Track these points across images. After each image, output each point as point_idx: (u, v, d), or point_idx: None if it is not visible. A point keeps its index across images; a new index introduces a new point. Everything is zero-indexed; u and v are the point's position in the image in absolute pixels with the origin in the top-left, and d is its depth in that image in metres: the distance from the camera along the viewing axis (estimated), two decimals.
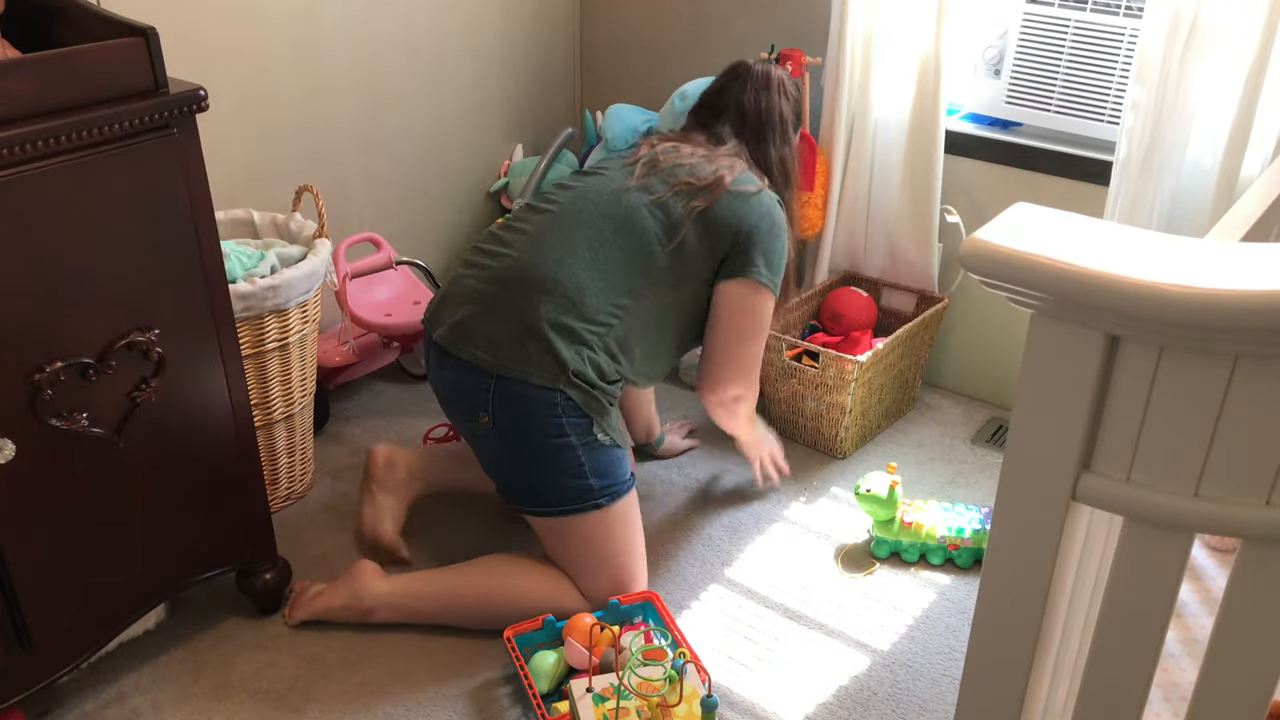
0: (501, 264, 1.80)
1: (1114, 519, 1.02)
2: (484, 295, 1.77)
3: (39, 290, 1.38)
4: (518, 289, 1.75)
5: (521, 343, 1.71)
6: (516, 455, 1.77)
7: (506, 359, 1.71)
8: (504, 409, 1.73)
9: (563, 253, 1.78)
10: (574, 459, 1.74)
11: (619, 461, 1.80)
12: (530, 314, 1.72)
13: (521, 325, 1.72)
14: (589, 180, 1.91)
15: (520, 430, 1.74)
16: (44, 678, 1.56)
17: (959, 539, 1.98)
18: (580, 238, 1.80)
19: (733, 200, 1.85)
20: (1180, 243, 0.85)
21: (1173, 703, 1.48)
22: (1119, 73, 2.17)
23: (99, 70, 1.38)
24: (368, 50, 2.44)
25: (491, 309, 1.76)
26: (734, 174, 1.88)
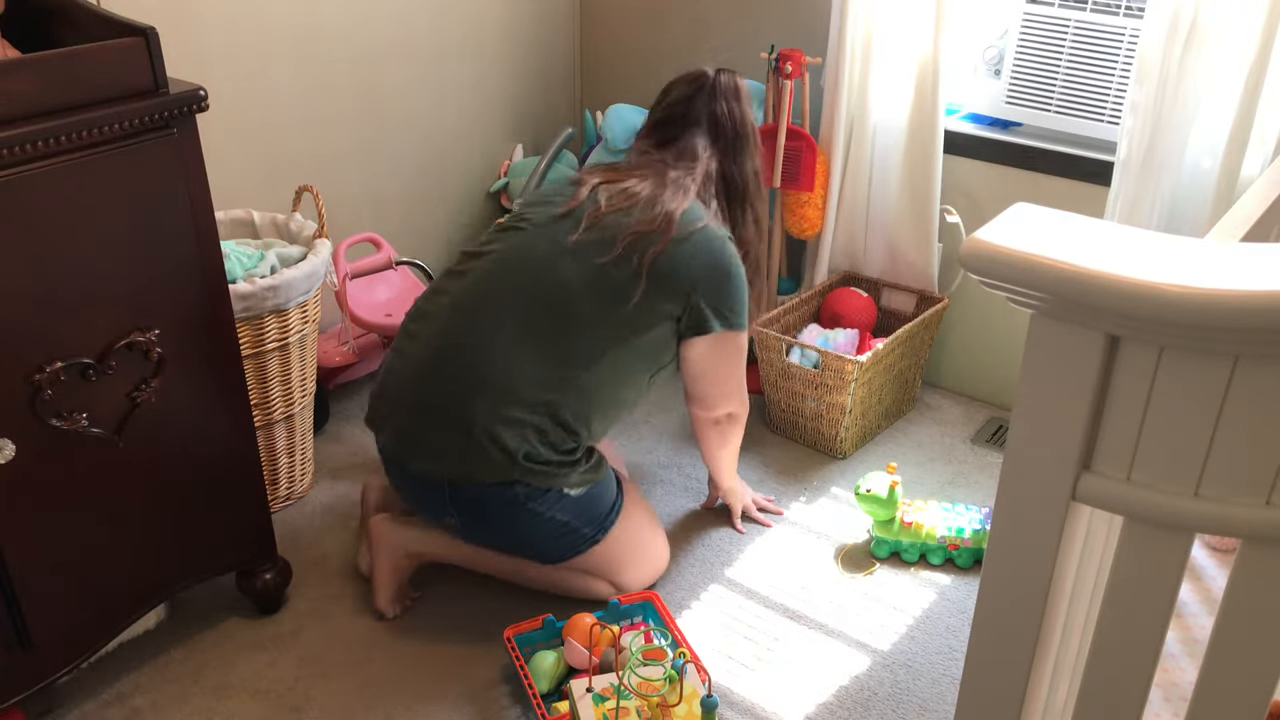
0: (427, 350, 1.74)
1: (1114, 519, 1.02)
2: (418, 403, 1.72)
3: (39, 290, 1.38)
4: (447, 391, 1.70)
5: (464, 446, 1.68)
6: (495, 539, 1.81)
7: (453, 465, 1.69)
8: (466, 510, 1.74)
9: (487, 337, 1.71)
10: (552, 525, 1.74)
11: (600, 495, 1.79)
12: (465, 418, 1.68)
13: (460, 431, 1.68)
14: (520, 237, 1.79)
15: (489, 522, 1.75)
16: (44, 678, 1.56)
17: (959, 539, 1.98)
18: (508, 317, 1.72)
19: (678, 250, 1.74)
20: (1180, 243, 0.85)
21: (1173, 703, 1.48)
22: (1119, 73, 2.18)
23: (99, 70, 1.38)
24: (368, 50, 2.44)
25: (426, 415, 1.72)
26: (681, 206, 1.78)
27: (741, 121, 1.94)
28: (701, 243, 1.78)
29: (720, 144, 1.92)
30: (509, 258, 1.77)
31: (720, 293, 1.79)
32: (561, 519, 1.74)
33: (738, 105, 1.94)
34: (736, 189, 1.92)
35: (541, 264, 1.75)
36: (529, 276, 1.75)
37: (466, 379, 1.70)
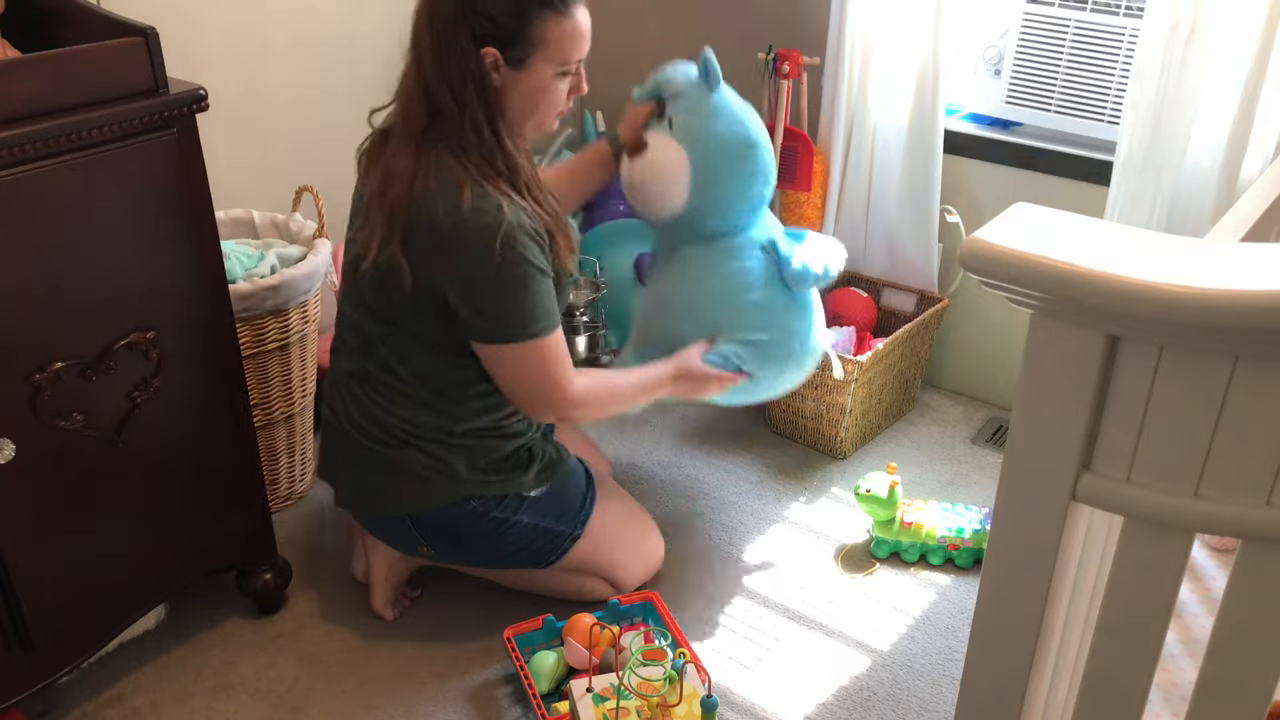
0: (338, 410, 1.73)
1: (1114, 519, 1.02)
2: (354, 457, 1.71)
3: (39, 290, 1.38)
4: (372, 442, 1.68)
5: (407, 484, 1.67)
6: (475, 557, 1.81)
7: (405, 503, 1.69)
8: (434, 538, 1.74)
9: (377, 387, 1.68)
10: (522, 529, 1.73)
11: (565, 490, 1.77)
12: (398, 460, 1.67)
13: (397, 472, 1.67)
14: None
15: (462, 543, 1.75)
16: (44, 678, 1.56)
17: (959, 539, 1.98)
18: (368, 365, 1.68)
19: (420, 240, 1.52)
20: (1180, 243, 0.85)
21: (1173, 703, 1.48)
22: (1119, 73, 2.17)
23: (99, 70, 1.38)
24: (368, 50, 2.44)
25: (363, 467, 1.71)
26: (426, 183, 1.51)
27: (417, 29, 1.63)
28: (451, 230, 1.52)
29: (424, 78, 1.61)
30: (346, 299, 1.72)
31: (491, 294, 1.56)
32: (530, 521, 1.72)
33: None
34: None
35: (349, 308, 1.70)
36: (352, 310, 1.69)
37: (369, 422, 1.68)
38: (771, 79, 2.41)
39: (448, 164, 1.52)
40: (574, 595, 1.84)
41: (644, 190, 1.79)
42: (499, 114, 1.55)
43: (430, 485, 1.67)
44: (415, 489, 1.68)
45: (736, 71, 2.65)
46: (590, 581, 1.84)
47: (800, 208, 2.48)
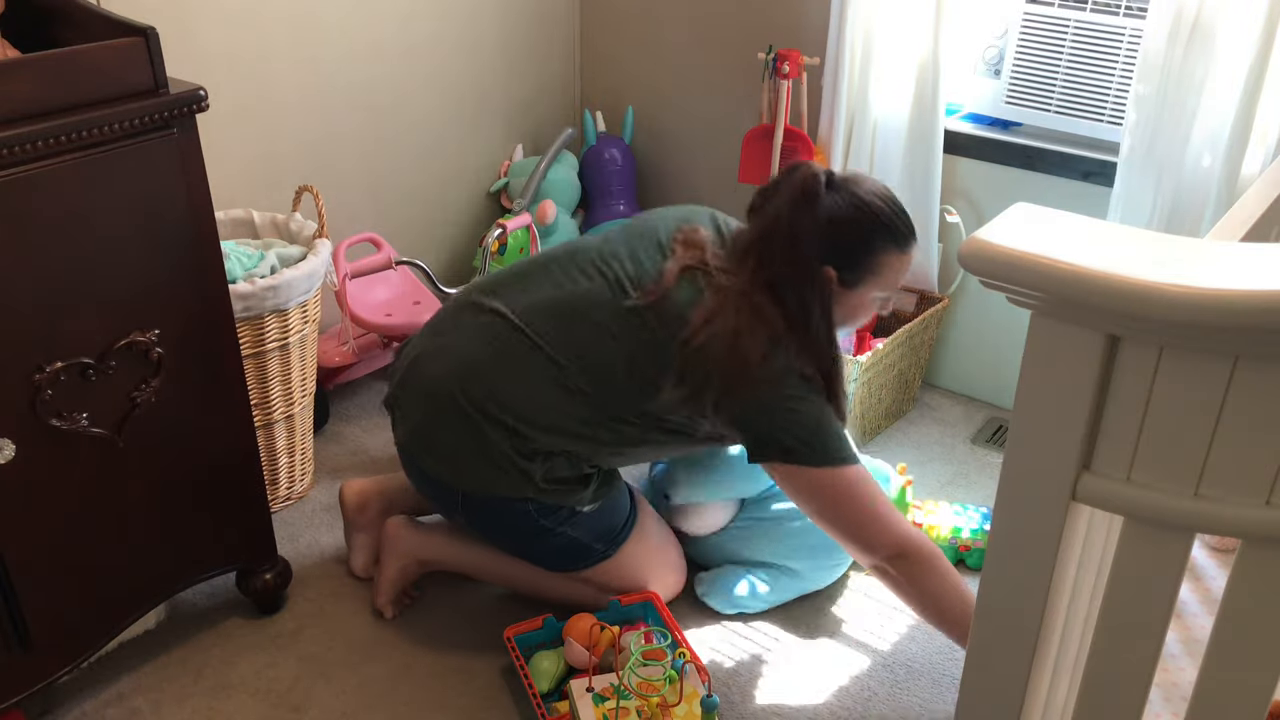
0: (460, 356, 1.70)
1: (1114, 519, 1.02)
2: (440, 407, 1.68)
3: (39, 290, 1.38)
4: (472, 405, 1.65)
5: (481, 463, 1.66)
6: (503, 545, 1.80)
7: (468, 479, 1.67)
8: (476, 517, 1.73)
9: (525, 364, 1.66)
10: (562, 539, 1.72)
11: (613, 510, 1.76)
12: (484, 439, 1.65)
13: (477, 448, 1.65)
14: (597, 288, 1.68)
15: (499, 531, 1.75)
16: (44, 678, 1.56)
17: (971, 540, 1.98)
18: (557, 358, 1.65)
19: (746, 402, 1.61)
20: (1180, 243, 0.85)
21: (1173, 703, 1.48)
22: (1119, 73, 2.17)
23: (99, 70, 1.38)
24: (368, 50, 2.44)
25: (446, 423, 1.68)
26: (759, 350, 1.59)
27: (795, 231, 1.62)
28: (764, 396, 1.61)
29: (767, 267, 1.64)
30: (576, 304, 1.68)
31: (785, 427, 1.62)
32: (573, 535, 1.71)
33: (807, 210, 1.63)
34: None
35: (601, 332, 1.65)
36: (591, 336, 1.66)
37: (493, 401, 1.65)
38: (771, 79, 2.41)
39: None
40: (576, 604, 1.81)
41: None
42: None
43: (501, 476, 1.65)
44: (485, 472, 1.66)
45: (737, 72, 2.66)
46: (597, 593, 1.82)
47: None
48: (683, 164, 2.85)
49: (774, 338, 1.60)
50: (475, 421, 1.65)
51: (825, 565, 1.88)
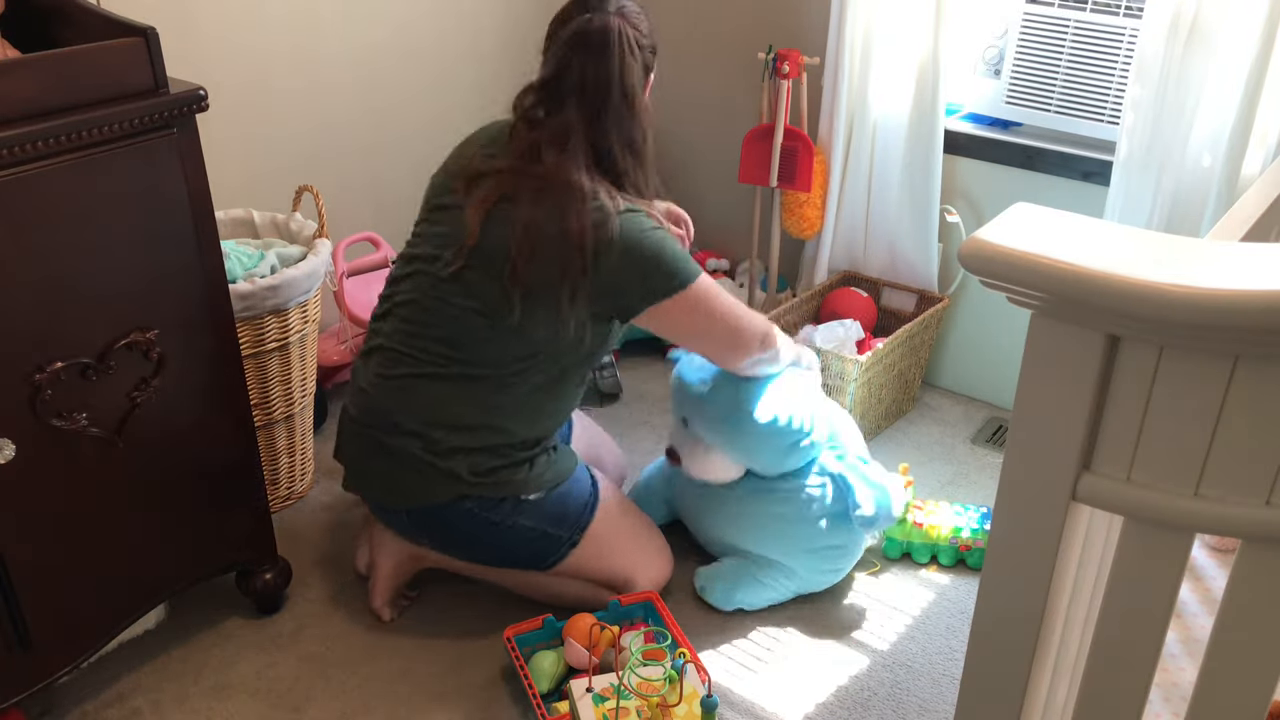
0: (365, 390, 1.74)
1: (1114, 519, 1.02)
2: (362, 440, 1.74)
3: (39, 290, 1.38)
4: (383, 428, 1.70)
5: (408, 477, 1.69)
6: (471, 553, 1.80)
7: (403, 495, 1.71)
8: (430, 532, 1.76)
9: (409, 380, 1.69)
10: (518, 532, 1.72)
11: (567, 495, 1.76)
12: (404, 451, 1.68)
13: (400, 463, 1.69)
14: (419, 282, 1.71)
15: (457, 539, 1.76)
16: (44, 678, 1.56)
17: (972, 540, 1.98)
18: (423, 362, 1.68)
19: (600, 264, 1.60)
20: (1180, 243, 0.85)
21: (1173, 703, 1.48)
22: (1119, 73, 2.18)
23: (99, 70, 1.38)
24: (368, 50, 2.44)
25: (369, 452, 1.73)
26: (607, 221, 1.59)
27: (606, 82, 1.65)
28: (621, 240, 1.61)
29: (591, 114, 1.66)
30: (413, 306, 1.71)
31: (646, 269, 1.64)
32: (527, 524, 1.71)
33: (605, 61, 1.65)
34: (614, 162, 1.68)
35: (439, 307, 1.67)
36: (432, 320, 1.68)
37: (397, 417, 1.69)
38: (771, 79, 2.41)
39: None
40: (573, 603, 1.82)
41: (701, 480, 1.89)
42: None
43: (430, 483, 1.68)
44: (415, 484, 1.69)
45: (737, 71, 2.66)
46: (591, 590, 1.82)
47: (800, 208, 2.48)
48: (683, 164, 2.85)
49: (582, 196, 1.60)
50: (387, 441, 1.69)
51: (824, 569, 1.89)
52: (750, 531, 1.88)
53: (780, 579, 1.88)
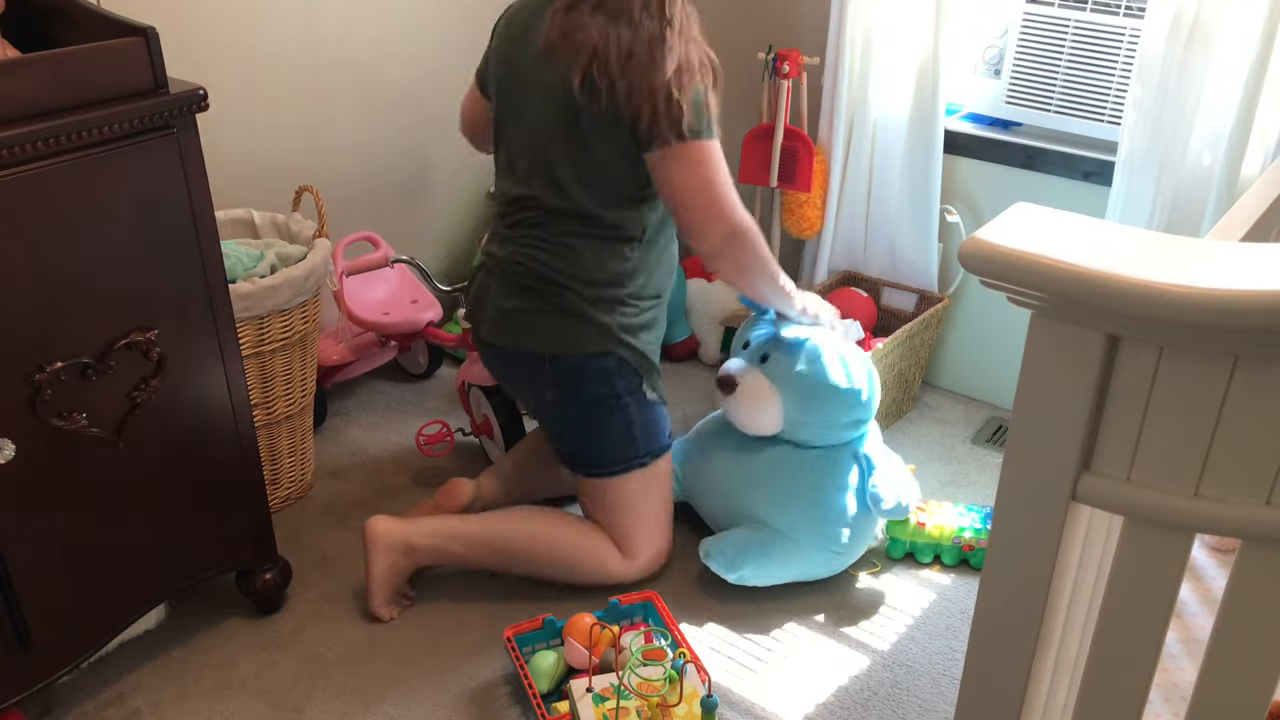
0: (518, 252, 1.83)
1: (1114, 519, 1.02)
2: (514, 294, 1.84)
3: (39, 290, 1.38)
4: (539, 280, 1.81)
5: (563, 324, 1.79)
6: (577, 423, 1.88)
7: (557, 338, 1.80)
8: (566, 380, 1.83)
9: (549, 226, 1.81)
10: (625, 420, 1.84)
11: (663, 420, 1.91)
12: (560, 301, 1.79)
13: (557, 312, 1.80)
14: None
15: (581, 395, 1.84)
16: (44, 678, 1.56)
17: (975, 540, 1.98)
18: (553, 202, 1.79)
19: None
20: (1180, 243, 0.85)
21: (1173, 703, 1.48)
22: (1119, 73, 2.18)
23: (99, 70, 1.38)
24: (368, 50, 2.44)
25: (524, 303, 1.82)
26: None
27: None
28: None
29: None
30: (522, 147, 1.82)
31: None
32: (632, 413, 1.85)
33: None
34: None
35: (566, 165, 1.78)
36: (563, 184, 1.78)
37: (554, 273, 1.79)
38: (771, 79, 2.41)
39: None
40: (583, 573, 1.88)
41: (737, 422, 1.94)
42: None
43: (582, 332, 1.79)
44: (569, 332, 1.80)
45: (736, 71, 2.66)
46: (602, 554, 1.88)
47: (801, 208, 2.48)
48: None
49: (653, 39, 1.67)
50: (544, 292, 1.80)
51: (831, 551, 1.89)
52: (771, 496, 1.90)
53: (787, 554, 1.87)
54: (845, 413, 1.89)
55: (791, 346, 1.89)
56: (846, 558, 1.92)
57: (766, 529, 1.89)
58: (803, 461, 1.91)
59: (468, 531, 1.87)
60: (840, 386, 1.86)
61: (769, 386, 1.88)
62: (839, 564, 1.93)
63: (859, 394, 1.88)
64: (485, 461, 2.30)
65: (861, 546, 1.93)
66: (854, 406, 1.89)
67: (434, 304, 2.45)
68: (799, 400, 1.87)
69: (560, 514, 1.94)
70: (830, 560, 1.91)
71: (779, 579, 1.89)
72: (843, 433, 1.92)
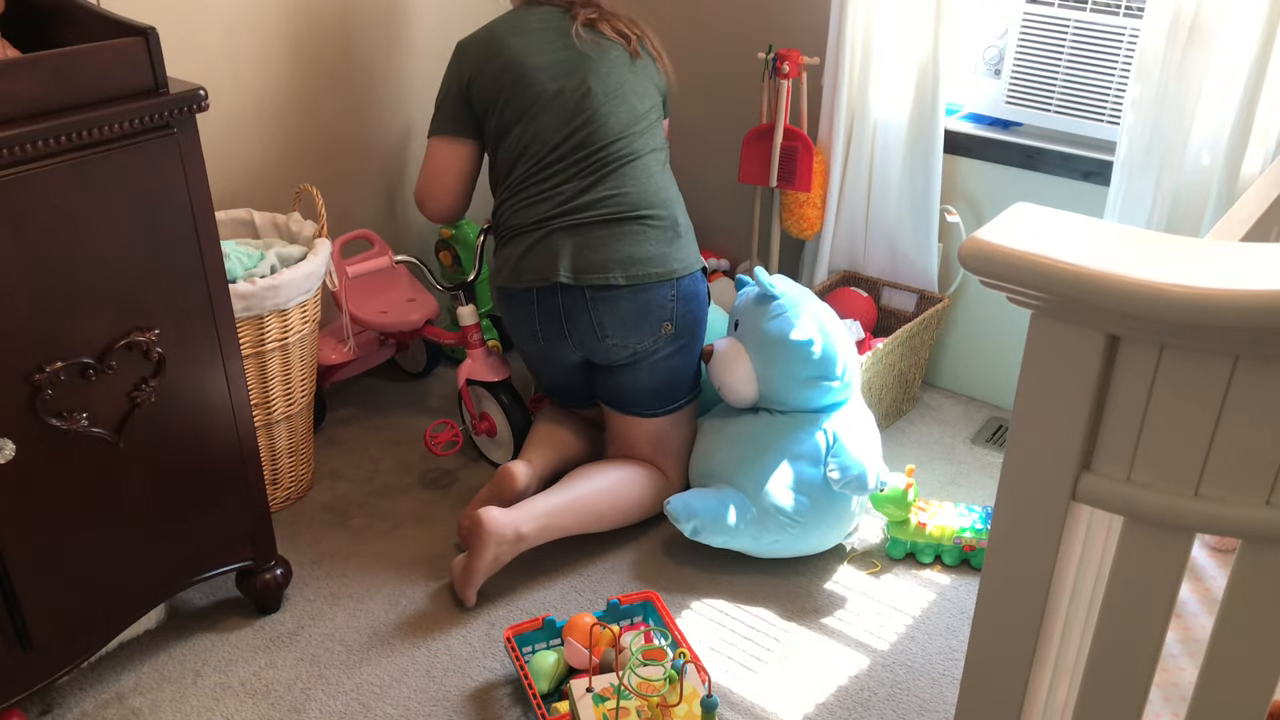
0: (608, 204, 1.97)
1: (1114, 519, 1.02)
2: (613, 231, 1.96)
3: (39, 290, 1.38)
4: (634, 215, 1.97)
5: (674, 241, 1.97)
6: (683, 354, 2.03)
7: (658, 264, 1.94)
8: (686, 302, 1.98)
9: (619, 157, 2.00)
10: (692, 352, 2.05)
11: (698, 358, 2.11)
12: (667, 220, 1.98)
13: (668, 231, 1.97)
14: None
15: (694, 321, 2.01)
16: (44, 678, 1.56)
17: (975, 540, 1.98)
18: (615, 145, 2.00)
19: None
20: (1180, 243, 0.85)
21: (1173, 703, 1.48)
22: (1119, 73, 2.18)
23: (99, 70, 1.38)
24: (368, 50, 2.44)
25: (627, 236, 1.95)
26: None
27: None
28: None
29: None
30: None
31: None
32: (698, 349, 2.07)
33: None
34: None
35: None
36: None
37: (639, 204, 1.97)
38: (771, 79, 2.41)
39: None
40: (641, 513, 2.04)
41: (718, 385, 2.04)
42: None
43: (675, 251, 1.97)
44: (683, 248, 1.99)
45: (736, 71, 2.66)
46: (653, 493, 2.03)
47: (800, 208, 2.48)
48: (682, 163, 2.85)
49: None
50: (630, 226, 1.95)
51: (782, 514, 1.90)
52: (737, 458, 1.96)
53: (743, 513, 1.91)
54: (803, 367, 1.94)
55: (756, 309, 2.01)
56: (809, 532, 1.92)
57: (728, 489, 1.94)
58: (772, 427, 1.98)
59: (559, 505, 1.94)
60: (796, 340, 1.93)
61: (739, 347, 2.00)
62: (802, 538, 1.93)
63: (811, 345, 1.93)
64: (486, 460, 2.30)
65: (830, 524, 1.93)
66: (810, 361, 1.93)
67: (431, 302, 2.45)
68: (761, 354, 1.97)
69: (609, 462, 2.07)
70: (788, 530, 1.91)
71: (734, 540, 1.92)
72: (807, 392, 1.96)
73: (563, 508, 1.93)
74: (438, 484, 2.23)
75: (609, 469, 2.03)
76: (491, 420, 2.24)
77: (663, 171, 2.04)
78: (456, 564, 1.90)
